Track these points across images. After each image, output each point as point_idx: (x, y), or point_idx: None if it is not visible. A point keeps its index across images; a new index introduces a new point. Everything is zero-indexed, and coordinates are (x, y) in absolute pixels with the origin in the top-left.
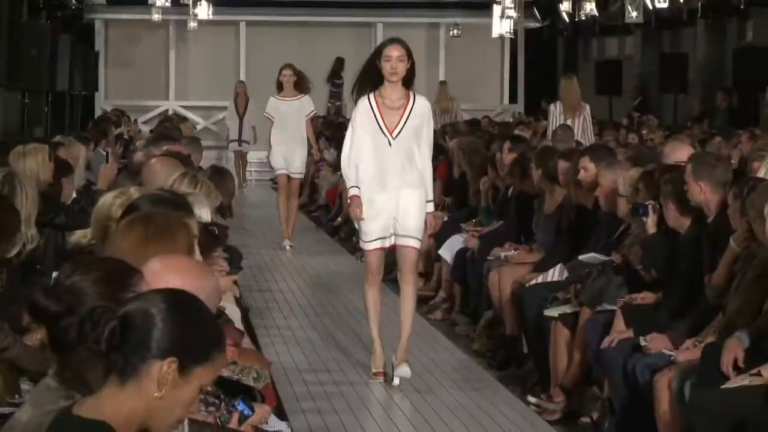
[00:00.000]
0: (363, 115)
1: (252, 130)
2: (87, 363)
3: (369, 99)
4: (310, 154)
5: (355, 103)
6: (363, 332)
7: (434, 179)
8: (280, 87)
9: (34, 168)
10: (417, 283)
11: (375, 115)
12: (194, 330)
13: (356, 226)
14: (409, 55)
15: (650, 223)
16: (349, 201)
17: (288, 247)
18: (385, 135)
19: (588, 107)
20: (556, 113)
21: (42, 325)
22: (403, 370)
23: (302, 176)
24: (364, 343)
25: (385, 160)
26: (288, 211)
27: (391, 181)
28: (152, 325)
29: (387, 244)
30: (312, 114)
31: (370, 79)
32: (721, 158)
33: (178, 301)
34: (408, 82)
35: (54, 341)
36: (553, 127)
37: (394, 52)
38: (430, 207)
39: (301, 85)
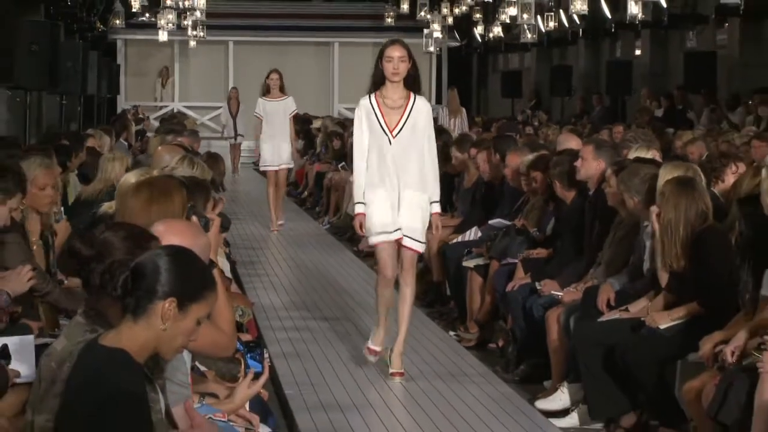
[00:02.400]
0: (364, 114)
1: (244, 126)
2: (108, 304)
3: (370, 98)
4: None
5: None
6: (324, 279)
7: None
8: (267, 89)
9: (119, 170)
10: (415, 286)
11: (376, 114)
12: (190, 276)
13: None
14: (410, 55)
15: None
16: (354, 215)
17: (275, 231)
18: (385, 133)
19: (464, 110)
20: (442, 114)
21: (77, 265)
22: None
23: (289, 167)
24: (326, 288)
25: (385, 159)
26: (276, 199)
27: (391, 178)
28: (158, 274)
29: (393, 238)
30: (294, 112)
31: (376, 80)
32: (615, 146)
33: (177, 255)
34: (410, 82)
35: (85, 281)
36: (439, 123)
37: (396, 52)
38: (436, 207)
39: (285, 88)
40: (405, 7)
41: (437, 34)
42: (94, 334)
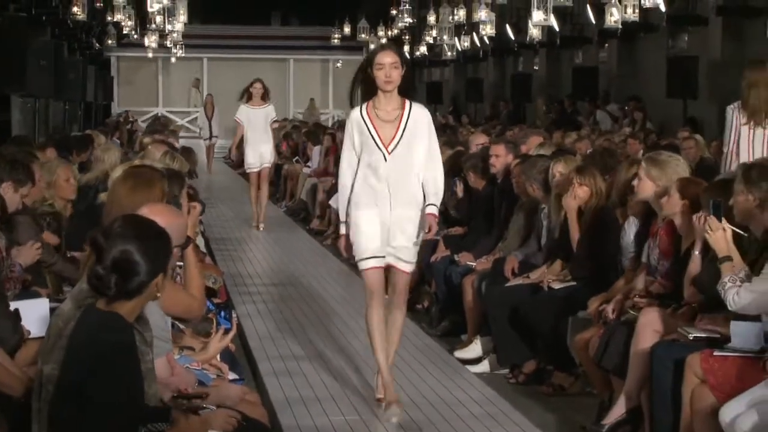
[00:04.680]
0: (355, 129)
1: (218, 127)
2: None
3: (361, 111)
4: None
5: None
6: (282, 252)
7: (327, 155)
8: (249, 96)
9: (111, 159)
10: (405, 310)
11: (368, 129)
12: (161, 254)
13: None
14: (403, 61)
15: (458, 191)
16: (339, 236)
17: (261, 228)
18: (380, 150)
19: None
20: None
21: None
22: (394, 412)
23: (271, 164)
24: (283, 259)
25: (380, 177)
26: (259, 197)
27: (385, 198)
28: (144, 267)
29: (382, 263)
30: (274, 119)
31: (365, 89)
32: (516, 142)
33: (148, 243)
34: (404, 90)
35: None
36: None
37: (387, 58)
38: (432, 209)
39: (267, 96)
40: (347, 30)
41: None
42: (94, 299)
